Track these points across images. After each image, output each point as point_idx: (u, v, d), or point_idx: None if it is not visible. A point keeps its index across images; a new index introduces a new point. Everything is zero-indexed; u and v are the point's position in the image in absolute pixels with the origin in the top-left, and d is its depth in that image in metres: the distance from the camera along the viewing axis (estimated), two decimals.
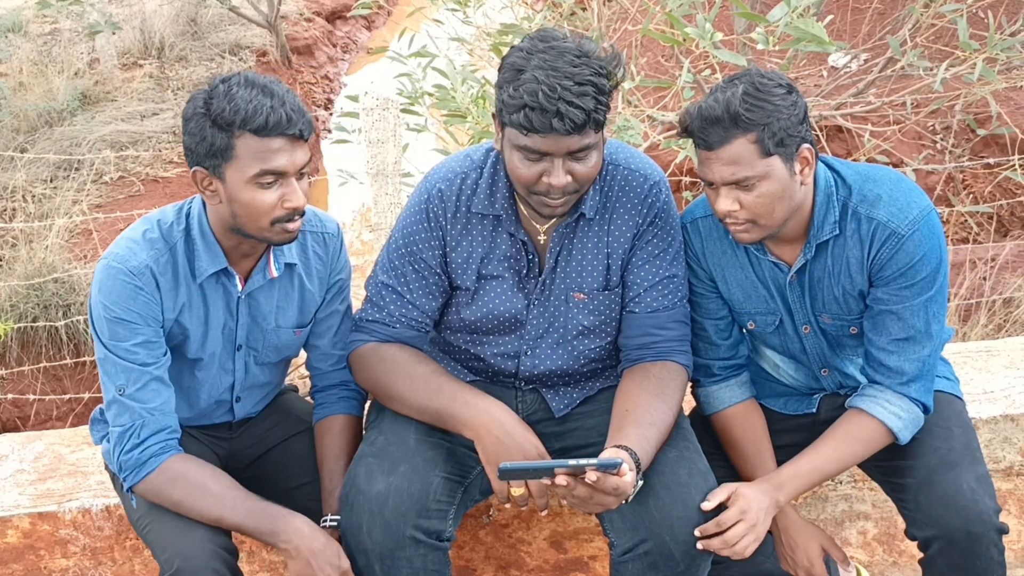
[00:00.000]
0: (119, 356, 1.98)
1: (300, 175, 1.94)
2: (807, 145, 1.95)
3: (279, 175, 1.90)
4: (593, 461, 1.78)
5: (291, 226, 1.95)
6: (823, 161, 2.06)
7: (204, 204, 2.03)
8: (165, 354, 2.02)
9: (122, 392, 1.98)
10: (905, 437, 2.04)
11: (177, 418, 2.04)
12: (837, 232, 2.02)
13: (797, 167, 1.95)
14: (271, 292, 2.11)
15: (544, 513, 2.01)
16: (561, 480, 1.81)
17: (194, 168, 1.93)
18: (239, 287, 2.07)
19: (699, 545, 1.93)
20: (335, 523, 2.03)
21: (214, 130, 1.88)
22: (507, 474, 1.83)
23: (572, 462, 1.79)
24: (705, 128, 1.91)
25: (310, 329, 2.20)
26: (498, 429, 1.97)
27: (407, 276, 2.12)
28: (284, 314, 2.14)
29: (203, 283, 2.04)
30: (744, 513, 1.96)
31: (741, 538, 1.94)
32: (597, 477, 1.78)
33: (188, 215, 2.04)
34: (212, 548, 1.92)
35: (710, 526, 1.95)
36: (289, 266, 2.11)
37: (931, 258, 1.98)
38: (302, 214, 1.96)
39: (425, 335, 2.18)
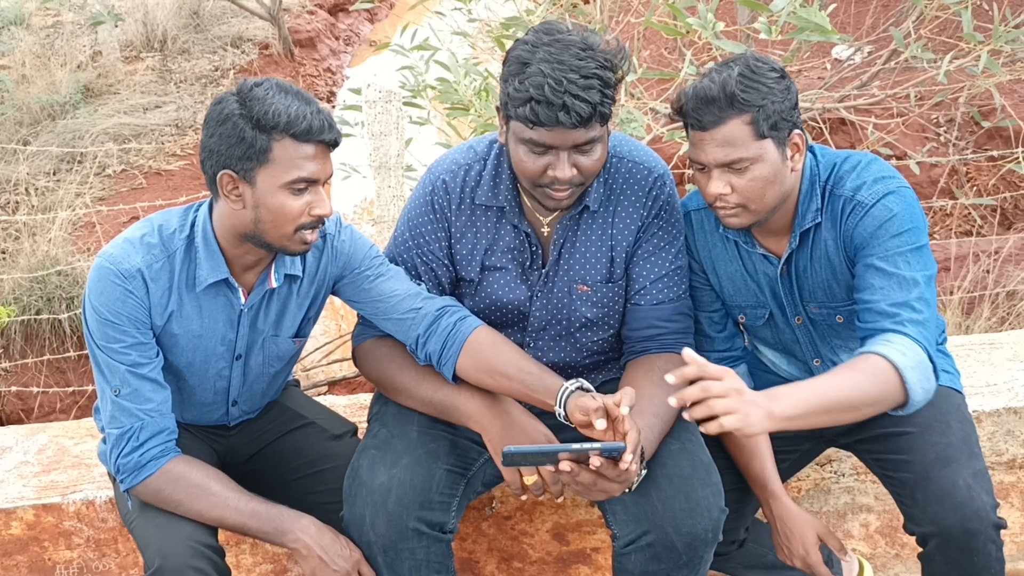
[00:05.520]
0: (111, 357, 1.96)
1: (325, 184, 1.93)
2: (798, 131, 1.96)
3: (311, 183, 1.90)
4: (597, 445, 1.78)
5: (310, 236, 1.93)
6: (811, 151, 2.06)
7: (211, 211, 2.00)
8: (157, 355, 2.01)
9: (117, 393, 1.96)
10: (912, 380, 1.85)
11: (174, 418, 2.03)
12: (819, 220, 2.03)
13: (788, 152, 1.96)
14: (271, 303, 2.08)
15: (560, 499, 1.98)
16: (565, 466, 1.80)
17: (222, 172, 1.89)
18: (242, 300, 2.04)
19: (673, 402, 1.71)
20: (578, 387, 1.92)
21: (255, 132, 1.85)
22: (511, 458, 1.81)
23: (576, 446, 1.79)
24: (700, 108, 1.91)
25: (372, 301, 2.10)
26: (504, 418, 1.97)
27: (416, 268, 2.12)
28: (283, 324, 2.11)
29: (201, 293, 2.01)
30: (731, 387, 1.72)
31: (723, 398, 1.70)
32: (601, 463, 1.78)
33: (193, 223, 2.00)
34: (193, 546, 1.90)
35: (693, 390, 1.71)
36: (291, 277, 2.08)
37: (901, 219, 1.95)
38: (323, 223, 1.95)
39: None
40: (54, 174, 6.52)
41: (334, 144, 1.92)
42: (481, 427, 1.99)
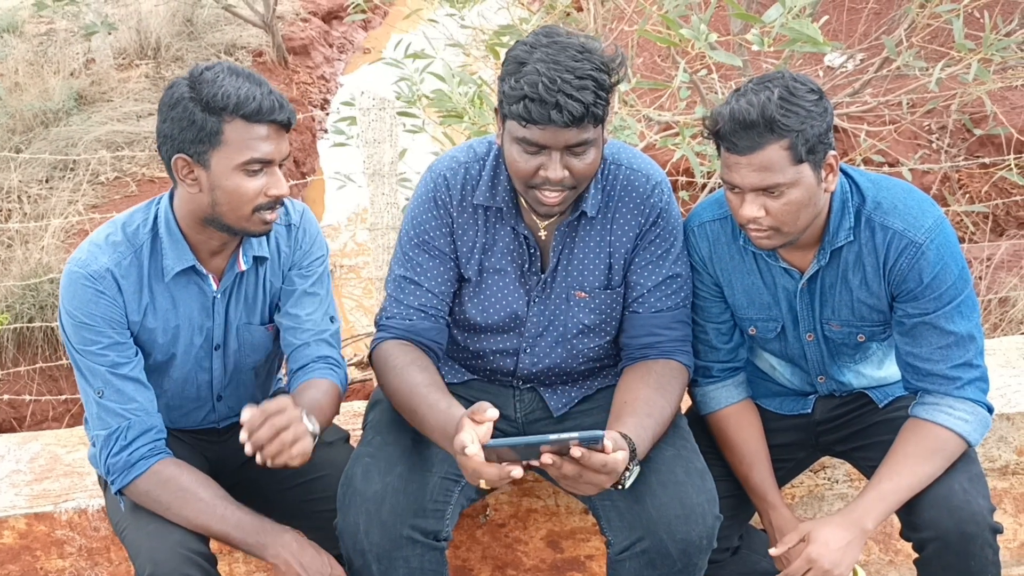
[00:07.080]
0: (91, 360, 1.97)
1: (281, 164, 1.94)
2: (833, 152, 1.93)
3: (266, 163, 1.90)
4: (575, 435, 1.75)
5: (270, 216, 1.95)
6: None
7: (171, 200, 2.01)
8: (137, 354, 2.01)
9: (101, 395, 1.97)
10: (976, 440, 2.01)
11: (161, 418, 2.03)
12: (851, 239, 2.01)
13: (823, 174, 1.93)
14: (242, 288, 2.09)
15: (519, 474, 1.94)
16: (547, 459, 1.77)
17: (175, 156, 1.91)
18: (214, 287, 2.05)
19: None
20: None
21: (205, 114, 1.86)
22: (492, 453, 1.79)
23: (554, 437, 1.74)
24: (737, 132, 1.87)
25: (284, 310, 2.14)
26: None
27: (422, 264, 2.12)
28: (254, 311, 2.12)
29: (172, 283, 2.02)
30: (813, 561, 1.91)
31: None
32: (582, 452, 1.75)
33: (156, 216, 2.02)
34: (184, 554, 1.90)
35: None
36: (259, 259, 2.09)
37: (952, 266, 1.97)
38: (281, 204, 1.96)
39: (443, 325, 2.13)
40: (47, 181, 6.50)
41: (287, 125, 1.92)
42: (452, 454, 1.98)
